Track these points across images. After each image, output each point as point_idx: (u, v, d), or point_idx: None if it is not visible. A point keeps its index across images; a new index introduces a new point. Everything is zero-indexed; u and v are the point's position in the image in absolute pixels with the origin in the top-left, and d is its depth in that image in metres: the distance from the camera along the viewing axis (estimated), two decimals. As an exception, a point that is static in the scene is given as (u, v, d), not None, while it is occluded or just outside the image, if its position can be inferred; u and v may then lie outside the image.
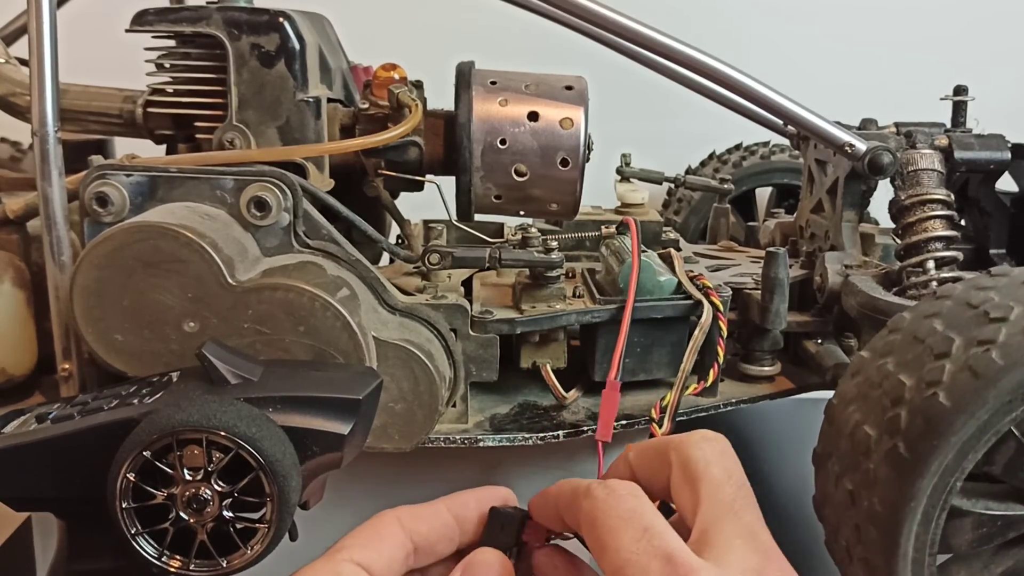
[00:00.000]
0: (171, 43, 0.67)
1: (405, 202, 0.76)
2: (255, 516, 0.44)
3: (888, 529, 0.50)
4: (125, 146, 0.73)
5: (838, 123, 0.75)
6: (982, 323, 0.51)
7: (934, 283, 0.70)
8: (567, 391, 0.69)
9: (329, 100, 0.69)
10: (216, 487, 0.43)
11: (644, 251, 0.71)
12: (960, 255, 0.73)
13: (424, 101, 0.71)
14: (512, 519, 0.39)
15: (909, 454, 0.49)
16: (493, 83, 0.69)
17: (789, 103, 0.72)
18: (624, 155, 0.97)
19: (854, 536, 0.53)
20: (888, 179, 0.75)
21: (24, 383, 0.65)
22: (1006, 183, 0.80)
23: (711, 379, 0.69)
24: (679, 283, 0.69)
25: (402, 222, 0.79)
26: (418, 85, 0.72)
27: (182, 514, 0.43)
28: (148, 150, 0.66)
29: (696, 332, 0.67)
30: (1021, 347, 0.48)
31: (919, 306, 0.57)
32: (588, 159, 0.69)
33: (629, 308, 0.66)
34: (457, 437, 0.65)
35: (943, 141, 0.76)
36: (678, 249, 0.82)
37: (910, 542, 0.50)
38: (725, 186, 1.02)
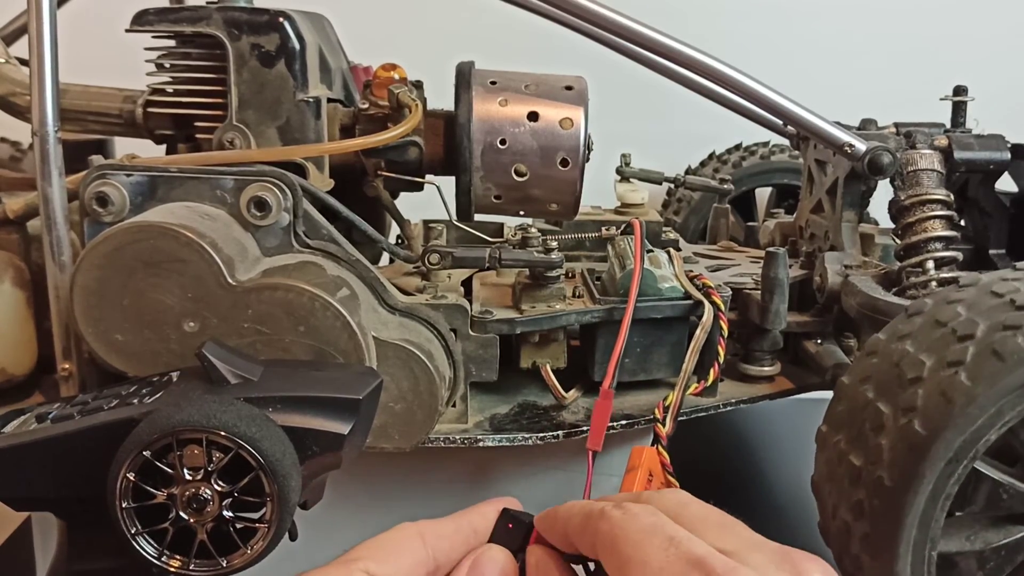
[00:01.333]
0: (171, 43, 0.67)
1: (405, 202, 0.76)
2: (255, 516, 0.44)
3: None
4: (125, 146, 0.73)
5: (838, 123, 0.75)
6: (904, 386, 0.50)
7: (934, 283, 0.70)
8: (567, 391, 0.69)
9: (329, 100, 0.69)
10: (216, 487, 0.43)
11: (651, 250, 0.71)
12: (960, 255, 0.73)
13: (424, 101, 0.71)
14: (521, 522, 0.39)
15: (877, 538, 0.49)
16: (493, 83, 0.69)
17: (789, 103, 0.72)
18: (624, 155, 0.97)
19: None
20: (888, 179, 0.75)
21: (24, 383, 0.65)
22: (1006, 183, 0.80)
23: (711, 379, 0.69)
24: (683, 292, 0.69)
25: (402, 222, 0.79)
26: (418, 85, 0.72)
27: (182, 514, 0.43)
28: (148, 150, 0.66)
29: (698, 331, 0.67)
30: (938, 411, 0.47)
31: (853, 368, 0.56)
32: (588, 159, 0.69)
33: (628, 316, 0.66)
34: (457, 437, 0.65)
35: (943, 141, 0.76)
36: (678, 249, 0.82)
37: None
38: (725, 186, 1.02)
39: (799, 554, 0.32)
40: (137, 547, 0.43)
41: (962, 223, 0.82)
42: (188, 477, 0.43)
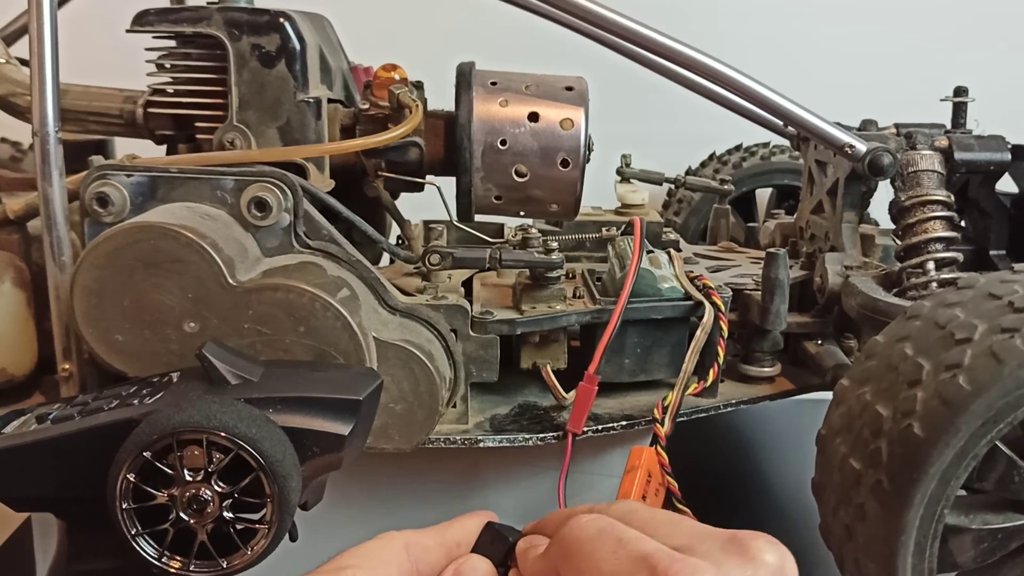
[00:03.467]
0: (172, 43, 0.67)
1: (405, 203, 0.76)
2: (255, 517, 0.44)
3: (884, 563, 0.50)
4: (125, 146, 0.73)
5: (838, 124, 0.75)
6: (949, 346, 0.50)
7: (934, 284, 0.70)
8: (567, 392, 0.69)
9: (329, 100, 0.69)
10: (216, 488, 0.43)
11: (651, 251, 0.71)
12: (960, 256, 0.73)
13: (424, 102, 0.71)
14: (504, 536, 0.39)
15: (892, 488, 0.49)
16: (493, 84, 0.69)
17: (789, 104, 0.72)
18: (624, 156, 0.97)
19: (855, 570, 0.53)
20: (888, 180, 0.75)
21: (24, 383, 0.65)
22: (1006, 184, 0.80)
23: (711, 379, 0.69)
24: (684, 292, 0.69)
25: (402, 223, 0.79)
26: (418, 86, 0.72)
27: (182, 515, 0.43)
28: (148, 150, 0.66)
29: (698, 332, 0.67)
30: (986, 370, 0.48)
31: (891, 328, 0.56)
32: (588, 160, 0.69)
33: (620, 307, 0.66)
34: (457, 438, 0.65)
35: (943, 142, 0.76)
36: (678, 250, 0.82)
37: (907, 574, 0.50)
38: (725, 187, 1.02)
39: (746, 534, 0.32)
40: (137, 548, 0.43)
41: (962, 224, 0.82)
42: (188, 478, 0.43)
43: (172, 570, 0.44)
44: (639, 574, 0.30)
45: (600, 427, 0.67)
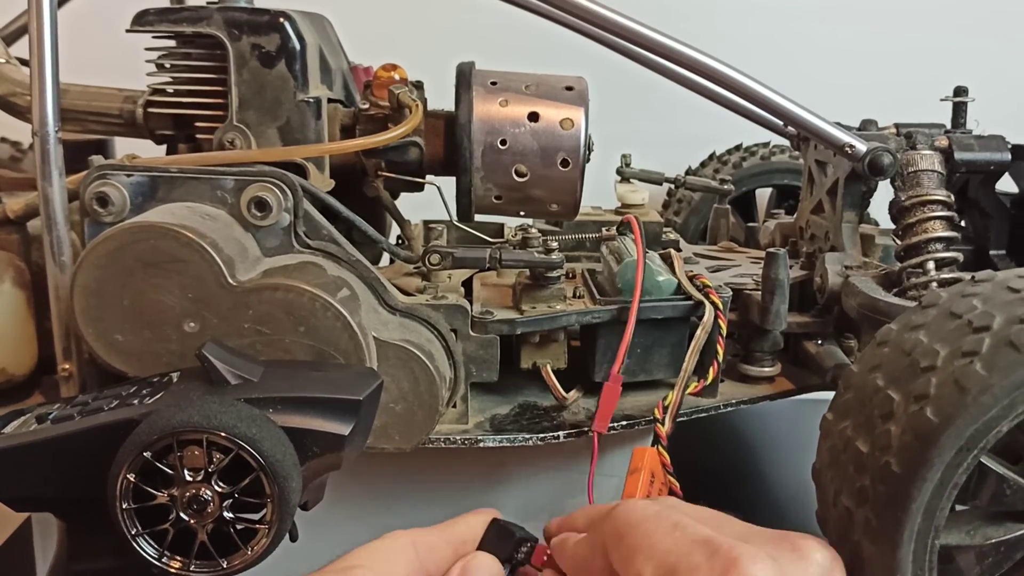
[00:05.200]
0: (172, 43, 0.67)
1: (405, 202, 0.76)
2: (255, 517, 0.44)
3: None
4: (125, 146, 0.73)
5: (838, 124, 0.75)
6: (915, 375, 0.49)
7: (934, 284, 0.70)
8: (567, 392, 0.69)
9: (329, 100, 0.69)
10: (216, 488, 0.43)
11: (645, 252, 0.71)
12: (960, 256, 0.73)
13: (424, 102, 0.71)
14: (508, 534, 0.39)
15: (880, 526, 0.49)
16: (493, 83, 0.69)
17: (789, 104, 0.72)
18: (624, 156, 0.97)
19: None
20: (888, 180, 0.75)
21: (24, 383, 0.65)
22: (1006, 184, 0.81)
23: (711, 377, 0.69)
24: (678, 284, 0.69)
25: (402, 222, 0.79)
26: (418, 86, 0.72)
27: (182, 515, 0.43)
28: (148, 150, 0.66)
29: (698, 331, 0.67)
30: (951, 400, 0.47)
31: (864, 356, 0.56)
32: (588, 160, 0.69)
33: (636, 302, 0.66)
34: (457, 437, 0.65)
35: (943, 142, 0.76)
36: (678, 250, 0.82)
37: None
38: (725, 187, 1.02)
39: (794, 534, 0.33)
40: (137, 548, 0.43)
41: (962, 224, 0.82)
42: (188, 478, 0.43)
43: (172, 570, 0.44)
44: (696, 555, 0.31)
45: (600, 427, 0.67)
